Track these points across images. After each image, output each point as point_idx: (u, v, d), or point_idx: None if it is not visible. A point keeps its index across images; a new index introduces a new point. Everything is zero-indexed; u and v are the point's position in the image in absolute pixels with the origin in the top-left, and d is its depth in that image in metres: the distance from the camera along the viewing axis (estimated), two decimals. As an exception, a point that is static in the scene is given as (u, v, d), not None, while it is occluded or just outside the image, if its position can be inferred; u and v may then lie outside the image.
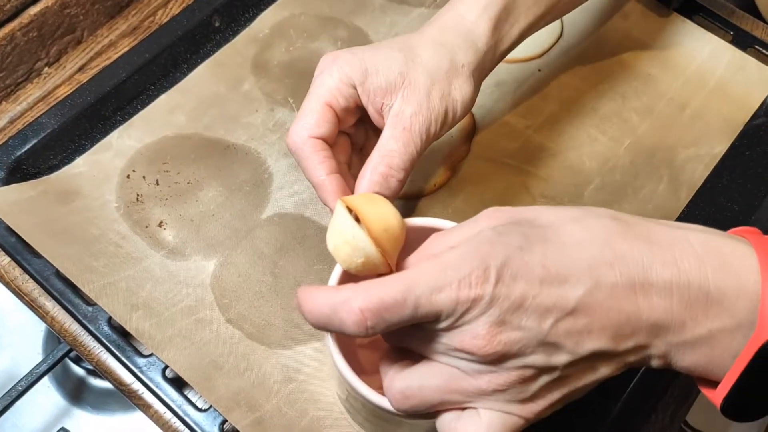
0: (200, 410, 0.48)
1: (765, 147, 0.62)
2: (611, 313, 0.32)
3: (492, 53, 0.49)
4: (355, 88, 0.45)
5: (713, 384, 0.34)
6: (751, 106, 0.63)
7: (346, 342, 0.48)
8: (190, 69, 0.62)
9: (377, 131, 0.47)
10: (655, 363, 0.34)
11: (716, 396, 0.34)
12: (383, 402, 0.37)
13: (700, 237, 0.34)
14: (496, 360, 0.33)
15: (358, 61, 0.45)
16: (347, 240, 0.38)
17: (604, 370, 0.34)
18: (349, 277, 0.41)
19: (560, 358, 0.33)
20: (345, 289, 0.34)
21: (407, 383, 0.35)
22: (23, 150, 0.55)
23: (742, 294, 0.32)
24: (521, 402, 0.34)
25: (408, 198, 0.57)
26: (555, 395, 0.34)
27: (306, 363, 0.50)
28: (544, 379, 0.33)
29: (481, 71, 0.49)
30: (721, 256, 0.33)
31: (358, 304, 0.33)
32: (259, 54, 0.63)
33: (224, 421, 0.47)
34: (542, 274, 0.32)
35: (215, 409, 0.47)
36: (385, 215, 0.39)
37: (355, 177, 0.46)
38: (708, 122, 0.62)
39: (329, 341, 0.40)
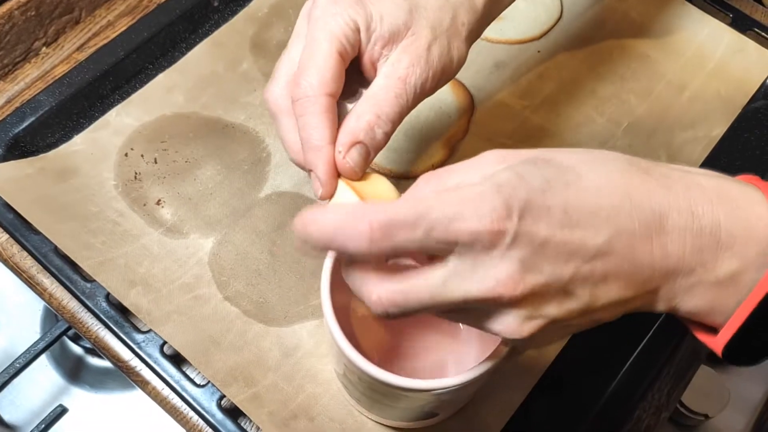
0: (198, 386, 0.48)
1: (763, 130, 0.62)
2: (627, 262, 0.32)
3: (486, 18, 0.47)
4: (359, 33, 0.41)
5: (709, 331, 0.35)
6: (749, 88, 0.63)
7: (345, 319, 0.48)
8: (189, 48, 0.62)
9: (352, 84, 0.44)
10: (659, 307, 0.34)
11: (717, 341, 0.34)
12: (380, 375, 0.38)
13: (713, 182, 0.34)
14: (515, 305, 0.32)
15: (361, 5, 0.41)
16: None
17: (608, 317, 0.34)
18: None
19: (574, 309, 0.32)
20: (353, 206, 0.32)
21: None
22: (21, 127, 0.55)
23: (751, 240, 0.32)
24: (523, 346, 0.35)
25: (405, 177, 0.57)
26: (551, 340, 0.35)
27: (304, 340, 0.50)
28: (552, 328, 0.33)
29: (475, 34, 0.46)
30: (732, 202, 0.33)
31: (367, 216, 0.31)
32: (257, 34, 0.63)
33: (222, 397, 0.47)
34: (563, 219, 0.31)
35: (213, 385, 0.47)
36: (384, 192, 0.39)
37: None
38: (706, 104, 0.62)
39: (327, 315, 0.40)
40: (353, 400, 0.47)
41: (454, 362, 0.48)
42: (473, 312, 0.33)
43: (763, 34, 0.65)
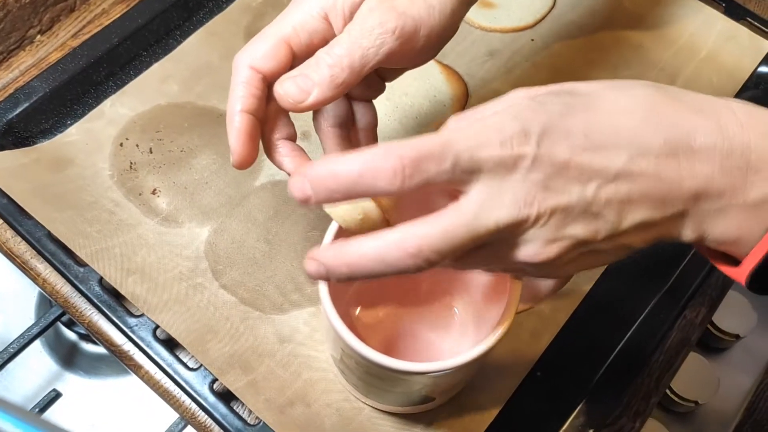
0: (190, 369, 0.48)
1: (754, 119, 0.62)
2: (652, 182, 0.32)
3: None
4: (326, 19, 0.41)
5: (733, 264, 0.34)
6: (741, 76, 0.64)
7: (341, 305, 0.49)
8: (183, 36, 0.62)
9: None
10: (687, 234, 0.34)
11: (741, 270, 0.34)
12: (377, 357, 0.38)
13: (743, 107, 0.33)
14: (538, 226, 0.32)
15: None
16: None
17: (638, 242, 0.33)
18: (345, 237, 0.42)
19: (599, 230, 0.32)
20: (377, 147, 0.31)
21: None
22: (14, 113, 0.55)
23: None
24: (547, 273, 0.35)
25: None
26: (580, 267, 0.34)
27: (300, 328, 0.51)
28: (579, 251, 0.33)
29: None
30: (763, 126, 0.32)
31: (396, 152, 0.30)
32: (252, 23, 0.63)
33: (214, 380, 0.48)
34: (584, 141, 0.31)
35: (206, 368, 0.48)
36: None
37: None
38: (699, 92, 0.63)
39: (324, 299, 0.40)
40: (350, 386, 0.47)
41: (449, 356, 0.48)
42: (499, 245, 0.33)
43: (756, 24, 0.66)
